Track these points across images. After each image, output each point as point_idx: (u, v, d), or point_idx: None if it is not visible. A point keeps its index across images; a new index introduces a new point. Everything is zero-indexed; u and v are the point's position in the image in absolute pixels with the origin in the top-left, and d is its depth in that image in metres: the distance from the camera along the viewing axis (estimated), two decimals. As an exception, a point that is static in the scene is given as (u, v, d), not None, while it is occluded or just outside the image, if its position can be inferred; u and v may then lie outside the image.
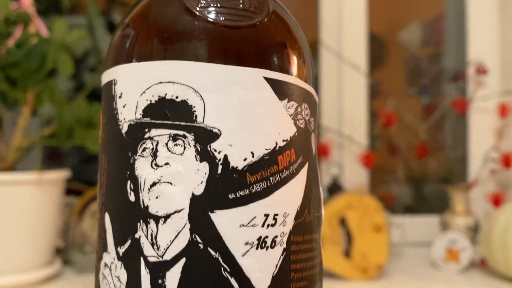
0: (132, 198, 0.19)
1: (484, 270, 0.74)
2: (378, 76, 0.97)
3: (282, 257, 0.19)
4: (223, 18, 0.20)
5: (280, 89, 0.20)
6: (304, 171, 0.21)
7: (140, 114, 0.19)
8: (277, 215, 0.19)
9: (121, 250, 0.19)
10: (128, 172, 0.19)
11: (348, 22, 0.91)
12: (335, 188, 0.79)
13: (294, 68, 0.21)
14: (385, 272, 0.72)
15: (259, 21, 0.20)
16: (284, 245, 0.19)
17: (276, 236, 0.19)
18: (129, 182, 0.19)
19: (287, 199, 0.20)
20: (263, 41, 0.20)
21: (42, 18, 0.66)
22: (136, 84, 0.19)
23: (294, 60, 0.21)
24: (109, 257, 0.20)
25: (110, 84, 0.21)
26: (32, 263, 0.64)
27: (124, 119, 0.20)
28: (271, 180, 0.19)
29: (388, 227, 0.70)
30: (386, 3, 1.02)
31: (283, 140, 0.20)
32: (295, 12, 0.28)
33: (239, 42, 0.20)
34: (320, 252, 0.22)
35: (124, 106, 0.20)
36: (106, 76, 0.21)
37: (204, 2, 0.20)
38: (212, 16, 0.19)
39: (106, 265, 0.20)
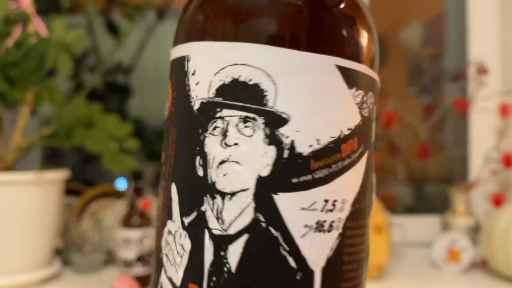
0: (200, 173, 0.20)
1: (485, 270, 0.73)
2: (378, 75, 0.97)
3: (337, 241, 0.20)
4: (300, 2, 0.20)
5: (350, 78, 0.20)
6: (364, 159, 0.21)
7: (213, 93, 0.20)
8: (336, 201, 0.20)
9: (187, 220, 0.20)
10: (198, 148, 0.20)
11: (348, 22, 0.91)
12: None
13: (364, 56, 0.21)
14: (386, 272, 0.71)
15: (335, 5, 0.20)
16: (340, 230, 0.20)
17: (333, 221, 0.20)
18: (198, 157, 0.20)
19: (347, 186, 0.20)
20: (338, 28, 0.20)
21: (41, 17, 0.66)
22: (210, 63, 0.20)
23: (366, 47, 0.21)
24: (174, 225, 0.21)
25: (183, 59, 0.21)
26: (31, 263, 0.64)
27: (197, 96, 0.20)
28: (333, 168, 0.20)
29: (389, 227, 0.69)
30: (387, 2, 1.02)
31: (348, 129, 0.20)
32: None
33: (315, 27, 0.20)
34: (368, 236, 0.23)
35: (197, 84, 0.20)
36: (178, 51, 0.22)
37: None
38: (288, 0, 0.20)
39: (170, 232, 0.21)
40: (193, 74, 0.20)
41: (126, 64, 1.04)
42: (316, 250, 0.19)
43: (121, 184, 0.92)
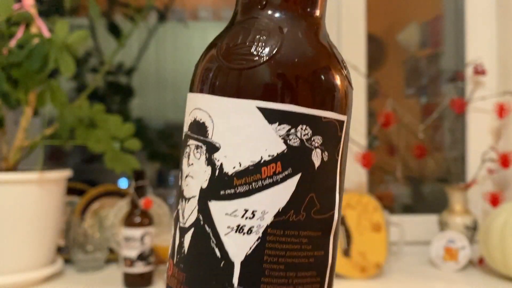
0: (179, 182, 0.28)
1: (482, 269, 0.74)
2: (376, 76, 0.98)
3: (256, 242, 0.25)
4: (230, 63, 0.26)
5: (270, 115, 0.25)
6: (292, 181, 0.26)
7: (187, 128, 0.28)
8: (255, 211, 0.25)
9: (174, 215, 0.28)
10: (181, 166, 0.28)
11: (347, 23, 0.92)
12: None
13: (291, 97, 0.26)
14: (384, 270, 0.72)
15: (259, 63, 0.26)
16: (260, 234, 0.25)
17: (252, 226, 0.25)
18: (180, 173, 0.28)
19: (267, 200, 0.25)
20: (260, 79, 0.26)
21: (44, 19, 0.67)
22: (188, 107, 0.28)
23: (293, 90, 0.26)
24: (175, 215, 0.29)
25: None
26: (34, 262, 0.64)
27: (184, 130, 0.28)
28: (253, 185, 0.25)
29: (387, 226, 0.70)
30: (385, 4, 1.03)
31: (269, 155, 0.25)
32: None
33: (240, 80, 0.26)
34: (322, 247, 0.27)
35: (185, 122, 0.28)
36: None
37: (223, 50, 0.27)
38: (224, 60, 0.27)
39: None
40: (187, 114, 0.28)
41: (128, 65, 1.05)
42: (236, 247, 0.25)
43: (123, 183, 0.92)
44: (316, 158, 0.26)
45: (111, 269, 0.73)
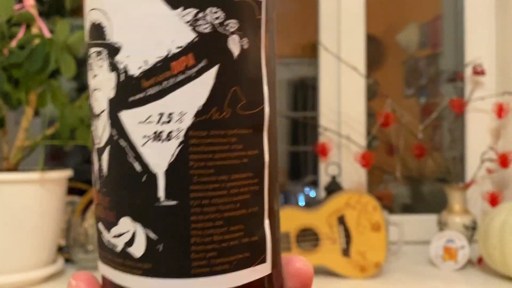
0: (90, 100, 0.25)
1: (481, 268, 0.74)
2: (376, 77, 0.98)
3: (178, 148, 0.23)
4: None
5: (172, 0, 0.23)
6: (209, 74, 0.23)
7: (88, 36, 0.24)
8: (172, 113, 0.23)
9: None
10: (88, 81, 0.25)
11: (346, 24, 0.92)
12: (334, 187, 0.80)
13: None
14: (383, 270, 0.72)
15: None
16: (181, 138, 0.23)
17: (171, 131, 0.23)
18: (89, 89, 0.25)
19: (183, 99, 0.23)
20: None
21: (45, 19, 0.67)
22: (86, 11, 0.24)
23: None
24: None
25: None
26: (35, 261, 0.64)
27: (86, 39, 0.25)
28: (164, 84, 0.23)
29: (386, 226, 0.71)
30: (384, 5, 1.03)
31: (177, 47, 0.23)
32: (295, 14, 0.29)
33: None
34: (255, 145, 0.25)
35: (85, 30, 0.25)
36: None
37: None
38: None
39: None
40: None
41: (127, 65, 1.05)
42: (157, 156, 0.23)
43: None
44: (234, 45, 0.24)
45: (112, 269, 0.73)
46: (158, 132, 0.23)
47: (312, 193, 1.00)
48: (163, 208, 0.23)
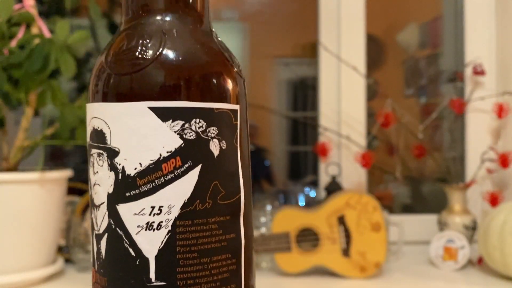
0: (89, 193, 0.29)
1: (482, 268, 0.74)
2: (376, 77, 0.98)
3: (167, 236, 0.27)
4: (117, 69, 0.28)
5: (163, 113, 0.27)
6: (193, 172, 0.27)
7: (89, 138, 0.30)
8: (162, 206, 0.27)
9: (90, 223, 0.30)
10: (89, 177, 0.29)
11: (346, 24, 0.92)
12: (334, 188, 0.80)
13: (180, 94, 0.27)
14: (384, 270, 0.72)
15: (145, 66, 0.27)
16: (169, 228, 0.27)
17: (161, 222, 0.26)
18: (89, 183, 0.29)
19: (172, 195, 0.27)
20: (147, 81, 0.27)
21: (45, 19, 0.67)
22: (88, 118, 0.30)
23: (180, 87, 0.27)
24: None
25: None
26: (34, 261, 0.64)
27: (87, 140, 0.30)
28: (156, 182, 0.26)
29: (387, 226, 0.71)
30: (384, 5, 1.03)
31: (167, 152, 0.27)
32: (295, 14, 0.29)
33: (127, 84, 0.28)
34: (233, 229, 0.29)
35: (87, 132, 0.30)
36: None
37: (110, 57, 0.28)
38: (111, 67, 0.28)
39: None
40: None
41: (127, 65, 1.04)
42: (148, 243, 0.26)
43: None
44: (214, 147, 0.28)
45: (112, 269, 0.73)
46: (150, 222, 0.26)
47: (312, 193, 1.00)
48: None
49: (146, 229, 0.26)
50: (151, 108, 0.26)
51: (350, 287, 0.65)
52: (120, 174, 0.27)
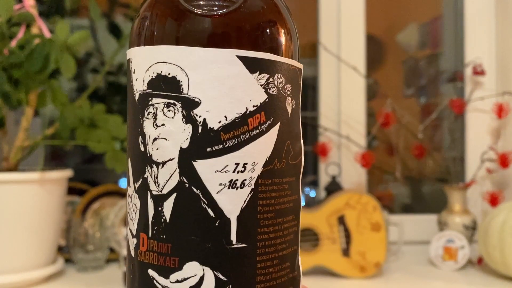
0: (142, 148, 0.26)
1: (481, 268, 0.75)
2: (376, 77, 0.98)
3: (250, 195, 0.25)
4: (201, 10, 0.25)
5: (251, 64, 0.25)
6: (275, 130, 0.26)
7: (146, 86, 0.25)
8: (246, 164, 0.25)
9: (136, 185, 0.26)
10: (139, 129, 0.26)
11: (346, 24, 0.92)
12: (333, 187, 0.80)
13: (267, 45, 0.26)
14: (384, 270, 0.72)
15: (232, 9, 0.25)
16: (252, 186, 0.25)
17: (245, 180, 0.25)
18: (140, 137, 0.26)
19: (256, 151, 0.25)
20: (236, 26, 0.25)
21: (45, 19, 0.67)
22: (143, 63, 0.26)
23: (267, 38, 0.26)
24: (130, 189, 0.27)
25: (129, 61, 0.27)
26: (35, 261, 0.64)
27: (136, 89, 0.26)
28: (241, 138, 0.25)
29: (386, 226, 0.71)
30: (384, 5, 1.03)
31: (254, 106, 0.25)
32: (295, 14, 0.30)
33: (215, 28, 0.25)
34: (296, 191, 0.28)
35: (136, 80, 0.26)
36: (127, 55, 0.28)
37: None
38: (193, 7, 0.25)
39: (129, 195, 0.27)
40: (134, 72, 0.26)
41: (128, 65, 1.05)
42: (231, 202, 0.25)
43: (124, 183, 0.93)
44: (289, 105, 0.27)
45: (112, 269, 0.73)
46: (233, 180, 0.25)
47: (312, 193, 1.00)
48: (234, 251, 0.25)
49: (229, 187, 0.25)
50: (240, 57, 0.24)
51: (350, 287, 0.65)
52: (200, 127, 0.24)
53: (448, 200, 0.82)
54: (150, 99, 0.25)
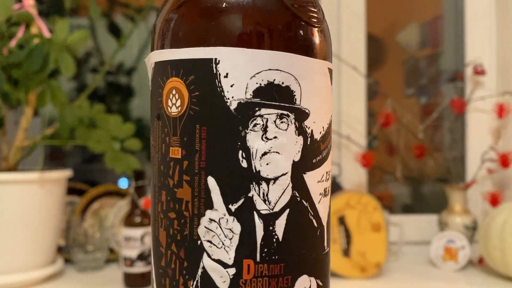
0: (244, 164, 0.23)
1: (482, 268, 0.74)
2: (376, 76, 0.98)
3: (328, 202, 0.26)
4: (312, 20, 0.25)
5: (331, 77, 0.26)
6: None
7: (250, 95, 0.23)
8: (329, 172, 0.26)
9: (233, 207, 0.23)
10: (239, 143, 0.23)
11: (346, 24, 0.92)
12: (334, 188, 0.80)
13: (331, 59, 0.27)
14: (384, 270, 0.72)
15: (323, 23, 0.26)
16: (329, 194, 0.26)
17: (328, 187, 0.26)
18: (240, 151, 0.23)
19: (330, 160, 0.26)
20: (326, 39, 0.26)
21: (44, 19, 0.67)
22: (245, 68, 0.23)
23: (331, 53, 0.27)
24: (217, 213, 0.23)
25: (209, 61, 0.23)
26: (34, 261, 0.64)
27: (232, 97, 0.23)
28: (328, 147, 0.26)
29: (387, 226, 0.70)
30: (385, 4, 1.03)
31: (330, 117, 0.26)
32: None
33: (316, 39, 0.25)
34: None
35: (231, 86, 0.23)
36: (195, 52, 0.24)
37: (298, 2, 0.24)
38: (304, 17, 0.24)
39: (212, 220, 0.24)
40: (226, 76, 0.23)
41: (128, 65, 1.05)
42: (325, 211, 0.26)
43: (123, 183, 0.92)
44: None
45: (111, 269, 0.73)
46: (326, 188, 0.25)
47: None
48: (326, 256, 0.26)
49: (323, 196, 0.25)
50: (329, 70, 0.25)
51: (350, 287, 0.65)
52: (309, 139, 0.24)
53: (448, 200, 0.82)
54: (257, 109, 0.23)
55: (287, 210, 0.24)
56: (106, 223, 0.75)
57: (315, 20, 0.25)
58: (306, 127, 0.24)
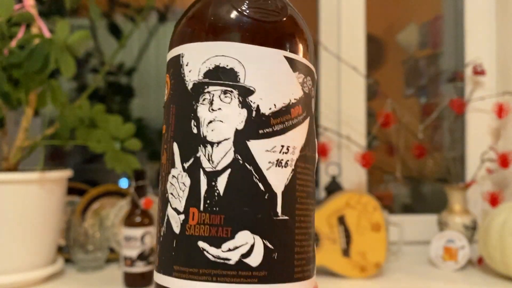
0: (195, 131, 0.29)
1: (482, 268, 0.74)
2: (376, 77, 0.98)
3: (291, 174, 0.29)
4: (258, 15, 0.29)
5: (293, 65, 0.30)
6: (306, 122, 0.30)
7: (202, 76, 0.29)
8: (289, 147, 0.29)
9: (186, 165, 0.29)
10: (192, 114, 0.29)
11: (346, 24, 0.92)
12: (334, 188, 0.80)
13: (301, 52, 0.31)
14: (384, 270, 0.72)
15: (280, 19, 0.30)
16: (293, 167, 0.29)
17: (288, 160, 0.29)
18: (192, 120, 0.29)
19: (295, 137, 0.29)
20: (283, 32, 0.30)
21: (45, 19, 0.67)
22: (199, 56, 0.29)
23: (302, 46, 0.31)
24: (176, 170, 0.29)
25: (179, 56, 0.30)
26: (34, 261, 0.64)
27: (190, 79, 0.29)
28: (286, 124, 0.29)
29: (387, 226, 0.70)
30: (384, 5, 1.03)
31: (295, 99, 0.29)
32: None
33: (269, 32, 0.29)
34: (314, 180, 0.32)
35: (190, 71, 0.29)
36: (175, 51, 0.31)
37: (246, 3, 0.30)
38: (251, 13, 0.29)
39: (174, 176, 0.29)
40: (186, 65, 0.30)
41: (128, 66, 1.05)
42: (277, 179, 0.28)
43: (123, 183, 0.93)
44: (313, 105, 0.32)
45: (112, 269, 0.73)
46: (279, 159, 0.29)
47: (312, 193, 1.00)
48: (279, 222, 0.28)
49: (276, 166, 0.28)
50: (286, 58, 0.29)
51: (350, 287, 0.65)
52: (254, 112, 0.28)
53: (448, 200, 0.82)
54: (206, 87, 0.29)
55: (229, 170, 0.28)
56: (106, 223, 0.75)
57: (271, 17, 0.30)
58: (251, 101, 0.28)
